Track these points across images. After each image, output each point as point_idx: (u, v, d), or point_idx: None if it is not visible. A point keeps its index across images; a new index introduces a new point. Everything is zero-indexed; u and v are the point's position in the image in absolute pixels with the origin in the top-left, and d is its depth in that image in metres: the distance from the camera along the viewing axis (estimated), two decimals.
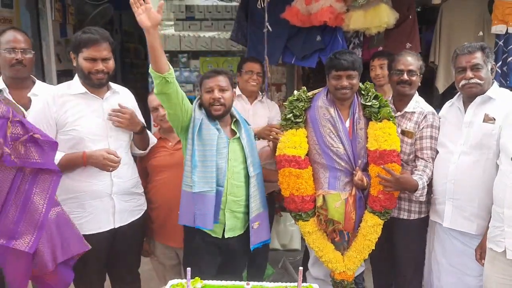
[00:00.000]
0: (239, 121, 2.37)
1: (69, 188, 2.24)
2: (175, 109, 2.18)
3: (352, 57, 2.35)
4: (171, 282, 1.91)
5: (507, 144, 2.04)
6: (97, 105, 2.27)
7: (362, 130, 2.40)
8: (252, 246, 2.33)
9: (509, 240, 1.98)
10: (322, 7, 3.16)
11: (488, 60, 2.30)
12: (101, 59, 2.20)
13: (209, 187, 2.19)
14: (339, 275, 2.45)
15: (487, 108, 2.28)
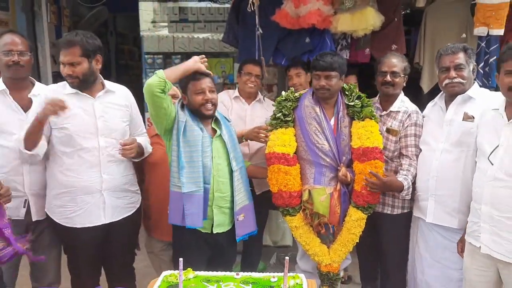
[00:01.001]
0: (219, 118, 2.44)
1: (62, 183, 2.32)
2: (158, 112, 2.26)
3: (332, 59, 2.43)
4: (164, 273, 1.98)
5: (484, 142, 2.12)
6: (88, 104, 2.33)
7: (346, 128, 2.49)
8: (238, 238, 2.41)
9: (484, 235, 2.07)
10: (311, 10, 3.24)
11: (470, 60, 2.39)
12: (68, 64, 2.23)
13: (197, 186, 2.25)
14: (325, 267, 2.55)
15: (467, 107, 2.36)
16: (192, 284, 1.86)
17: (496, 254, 2.03)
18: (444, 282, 2.43)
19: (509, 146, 1.99)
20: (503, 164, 2.00)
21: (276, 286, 1.85)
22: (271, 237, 4.09)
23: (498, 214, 2.01)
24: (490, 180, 2.04)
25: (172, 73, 2.23)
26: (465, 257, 2.24)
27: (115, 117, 2.41)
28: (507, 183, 1.98)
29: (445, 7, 3.56)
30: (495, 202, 2.02)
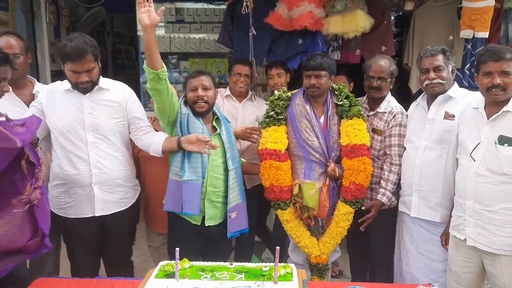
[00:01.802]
0: (220, 118, 2.56)
1: (58, 175, 2.44)
2: (164, 104, 2.36)
3: (322, 59, 2.55)
4: (161, 263, 2.07)
5: (466, 140, 2.21)
6: (78, 101, 2.40)
7: (335, 126, 2.60)
8: (229, 235, 2.51)
9: (469, 229, 2.17)
10: (303, 12, 3.32)
11: (449, 62, 2.49)
12: (85, 71, 2.29)
13: (196, 176, 2.38)
14: (314, 259, 2.66)
15: (448, 106, 2.47)
16: (188, 273, 1.96)
17: (481, 246, 2.13)
18: (428, 273, 2.53)
19: (490, 143, 2.09)
20: (485, 161, 2.09)
21: (267, 275, 1.95)
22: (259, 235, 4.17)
23: (481, 208, 2.11)
24: (473, 176, 2.13)
25: (148, 59, 2.21)
26: (450, 249, 2.34)
27: (104, 113, 2.45)
28: (489, 179, 2.08)
29: (432, 10, 3.65)
30: (478, 197, 2.12)
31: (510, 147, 2.02)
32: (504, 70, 2.03)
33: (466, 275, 2.26)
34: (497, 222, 2.08)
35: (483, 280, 2.29)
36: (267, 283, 1.87)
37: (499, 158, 2.04)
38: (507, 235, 2.06)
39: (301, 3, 3.31)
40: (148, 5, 2.13)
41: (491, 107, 2.13)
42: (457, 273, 2.28)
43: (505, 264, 2.09)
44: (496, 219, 2.08)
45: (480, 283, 2.29)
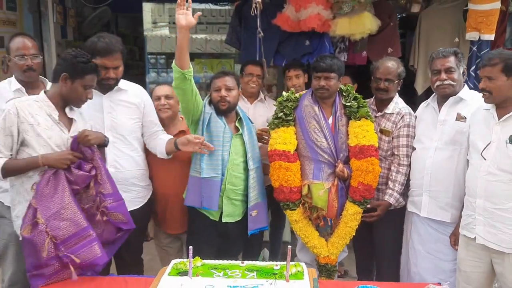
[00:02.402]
0: (243, 119, 2.63)
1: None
2: (187, 103, 2.47)
3: (332, 61, 2.58)
4: (173, 261, 2.11)
5: (477, 140, 2.25)
6: (98, 101, 2.43)
7: (343, 126, 2.63)
8: (250, 232, 2.59)
9: (479, 227, 2.20)
10: (311, 14, 3.35)
11: (460, 64, 2.53)
12: (112, 68, 2.39)
13: (215, 173, 2.47)
14: (323, 259, 2.68)
15: (459, 108, 2.50)
16: (201, 271, 1.99)
17: (490, 244, 2.17)
18: (436, 273, 2.55)
19: (501, 142, 2.13)
20: (495, 160, 2.13)
21: (279, 273, 1.99)
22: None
23: (492, 207, 2.15)
24: (483, 174, 2.17)
25: (177, 59, 2.32)
26: (460, 249, 2.37)
27: (123, 114, 2.50)
28: (499, 177, 2.12)
29: (438, 12, 3.66)
30: (488, 195, 2.16)
31: None
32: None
33: (475, 275, 2.29)
34: (507, 221, 2.11)
35: (492, 280, 2.32)
36: (279, 281, 1.90)
37: (510, 157, 2.09)
38: None
39: (309, 5, 3.34)
40: (187, 7, 2.26)
41: (502, 108, 2.17)
42: (467, 273, 2.31)
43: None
44: (506, 218, 2.11)
45: (490, 283, 2.33)
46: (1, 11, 4.05)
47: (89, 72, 2.16)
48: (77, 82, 2.15)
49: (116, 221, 2.26)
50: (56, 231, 2.02)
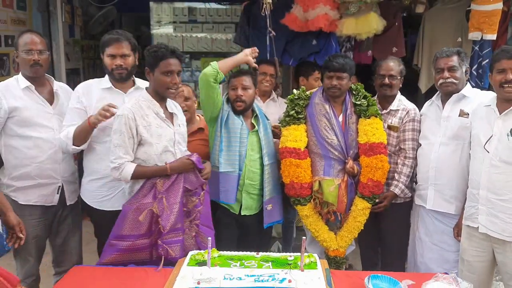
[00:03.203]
0: (259, 116, 2.70)
1: (95, 170, 2.53)
2: (208, 98, 2.58)
3: (344, 60, 2.66)
4: (191, 253, 2.18)
5: (479, 134, 2.34)
6: (119, 99, 2.50)
7: (353, 124, 2.71)
8: (266, 225, 2.69)
9: (481, 217, 2.30)
10: (318, 14, 3.45)
11: (463, 63, 2.62)
12: (120, 56, 2.45)
13: (233, 168, 2.56)
14: (332, 252, 2.77)
15: (462, 105, 2.60)
16: (218, 262, 2.07)
17: (492, 233, 2.26)
18: (441, 264, 2.64)
19: (502, 135, 2.22)
20: (498, 152, 2.22)
21: (293, 263, 2.06)
22: (276, 229, 4.30)
23: (494, 197, 2.24)
24: (486, 167, 2.26)
25: (223, 65, 2.55)
26: (463, 240, 2.46)
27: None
28: (502, 169, 2.21)
29: (442, 13, 3.76)
30: (491, 187, 2.25)
31: None
32: None
33: (478, 264, 2.38)
34: (508, 211, 2.20)
35: (493, 269, 2.41)
36: (294, 271, 1.98)
37: (511, 149, 2.17)
38: None
39: (317, 5, 3.43)
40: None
41: (502, 103, 2.26)
42: (470, 262, 2.40)
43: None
44: (507, 208, 2.20)
45: (491, 272, 2.42)
46: (12, 10, 4.10)
47: (160, 58, 2.27)
48: (156, 71, 2.29)
49: (199, 241, 2.39)
50: (165, 221, 2.22)
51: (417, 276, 2.11)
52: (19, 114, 2.47)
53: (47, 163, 2.52)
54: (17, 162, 2.50)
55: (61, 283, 2.05)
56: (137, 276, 2.09)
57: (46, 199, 2.56)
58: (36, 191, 2.53)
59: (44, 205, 2.56)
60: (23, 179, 2.50)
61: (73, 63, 5.01)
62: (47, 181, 2.54)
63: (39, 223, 2.55)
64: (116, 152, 2.27)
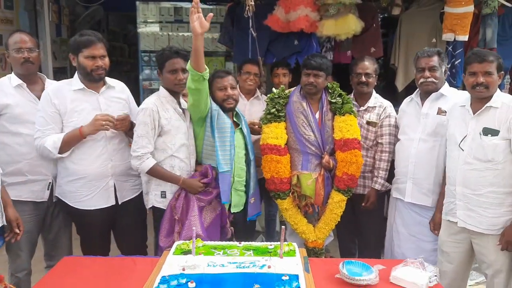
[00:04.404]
0: (239, 114, 2.79)
1: (73, 171, 2.54)
2: (200, 102, 2.52)
3: (322, 60, 2.79)
4: (176, 242, 2.29)
5: (455, 133, 2.46)
6: (93, 99, 2.55)
7: (329, 121, 2.84)
8: (249, 218, 2.78)
9: (459, 212, 2.43)
10: (300, 15, 3.56)
11: (443, 63, 2.75)
12: (99, 57, 2.51)
13: (228, 167, 2.60)
14: (311, 244, 2.89)
15: (440, 103, 2.72)
16: (202, 251, 2.18)
17: (470, 226, 2.39)
18: (418, 253, 2.69)
19: (476, 134, 2.35)
20: (471, 150, 2.35)
21: (273, 251, 2.18)
22: (260, 223, 4.43)
23: (470, 193, 2.37)
24: (461, 164, 2.39)
25: (195, 61, 2.35)
26: (442, 232, 2.59)
27: (118, 110, 2.60)
28: (475, 166, 2.34)
29: (417, 15, 3.90)
30: (466, 183, 2.38)
31: (493, 137, 2.29)
32: (487, 70, 2.30)
33: (456, 255, 2.52)
34: (484, 205, 2.34)
35: (472, 257, 2.55)
36: (273, 258, 2.10)
37: (484, 147, 2.31)
38: (492, 216, 2.33)
39: (298, 7, 3.54)
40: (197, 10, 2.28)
41: (476, 103, 2.39)
42: (448, 253, 2.54)
43: (491, 243, 2.36)
44: (482, 202, 2.34)
45: (469, 261, 2.57)
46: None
47: (166, 58, 2.55)
48: (164, 71, 2.58)
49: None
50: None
51: (388, 262, 2.25)
52: (10, 111, 2.52)
53: (38, 159, 2.57)
54: (9, 159, 2.55)
55: (52, 273, 2.14)
56: (125, 265, 2.18)
57: (36, 195, 2.62)
58: (27, 187, 2.59)
59: (35, 201, 2.62)
60: (15, 175, 2.56)
61: (60, 62, 5.07)
62: (38, 178, 2.61)
63: (30, 218, 2.61)
64: (140, 142, 2.51)
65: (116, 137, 2.62)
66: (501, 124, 2.28)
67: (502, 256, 2.36)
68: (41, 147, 2.48)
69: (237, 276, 1.90)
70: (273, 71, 3.56)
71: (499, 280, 2.40)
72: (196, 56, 2.34)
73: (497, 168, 2.30)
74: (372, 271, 2.03)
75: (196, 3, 2.28)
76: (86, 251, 2.72)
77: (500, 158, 2.29)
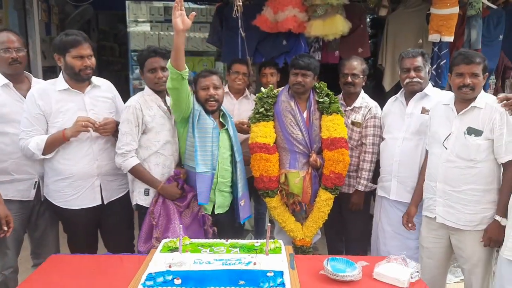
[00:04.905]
0: (226, 114, 2.78)
1: (60, 171, 2.55)
2: (181, 102, 2.50)
3: (310, 60, 2.83)
4: (164, 241, 2.30)
5: (438, 131, 2.50)
6: (79, 99, 2.54)
7: (317, 120, 2.88)
8: (242, 221, 2.77)
9: (439, 208, 2.48)
10: (287, 16, 3.59)
11: (426, 64, 2.80)
12: (87, 56, 2.50)
13: (207, 168, 2.58)
14: (299, 242, 2.93)
15: (424, 103, 2.77)
16: (189, 248, 2.20)
17: (449, 222, 2.44)
18: (403, 250, 2.71)
19: (459, 133, 2.39)
20: (455, 148, 2.40)
21: (259, 249, 2.21)
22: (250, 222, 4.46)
23: (450, 189, 2.42)
24: (443, 162, 2.44)
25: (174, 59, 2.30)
26: (422, 228, 2.64)
27: (104, 109, 2.62)
28: (457, 164, 2.39)
29: (404, 16, 3.95)
30: (447, 180, 2.43)
31: (477, 137, 2.33)
32: (474, 72, 2.34)
33: (436, 250, 2.57)
34: (463, 201, 2.39)
35: (450, 254, 2.61)
36: (259, 255, 2.12)
37: (467, 146, 2.36)
38: (470, 213, 2.38)
39: (286, 7, 3.56)
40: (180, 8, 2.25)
41: (460, 103, 2.43)
42: (429, 249, 2.59)
43: (468, 238, 2.42)
44: (462, 199, 2.40)
45: (448, 257, 2.62)
46: None
47: (145, 58, 2.61)
48: (144, 70, 2.64)
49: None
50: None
51: (371, 258, 2.30)
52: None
53: (24, 158, 2.57)
54: None
55: (40, 270, 2.14)
56: (112, 262, 2.20)
57: (22, 194, 2.62)
58: (13, 186, 2.58)
59: (21, 200, 2.62)
60: (1, 174, 2.55)
61: (50, 61, 5.03)
62: (24, 177, 2.61)
63: (16, 217, 2.58)
64: (124, 139, 2.55)
65: (101, 137, 2.62)
66: (485, 125, 2.33)
67: (478, 252, 2.41)
68: (25, 148, 2.48)
69: (223, 273, 1.92)
70: (261, 70, 3.59)
71: (475, 276, 2.45)
72: (176, 54, 2.28)
73: (477, 167, 2.35)
74: (355, 268, 2.07)
75: (180, 0, 2.26)
76: (74, 249, 2.72)
77: (482, 157, 2.34)
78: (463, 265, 2.51)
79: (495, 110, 2.32)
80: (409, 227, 2.72)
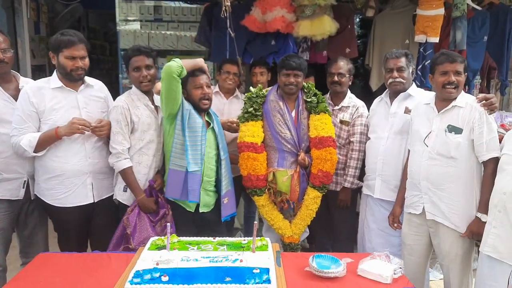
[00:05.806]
0: (211, 113, 2.79)
1: (51, 169, 2.56)
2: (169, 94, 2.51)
3: (300, 60, 2.88)
4: (152, 239, 2.33)
5: (419, 130, 2.56)
6: (72, 97, 2.58)
7: (305, 120, 2.92)
8: (223, 218, 2.77)
9: (426, 205, 2.53)
10: (276, 16, 3.61)
11: (410, 64, 2.86)
12: (79, 58, 2.53)
13: (198, 167, 2.60)
14: (287, 239, 2.98)
15: (407, 103, 2.84)
16: (177, 246, 2.23)
17: (438, 218, 2.49)
18: (387, 247, 2.76)
19: (440, 131, 2.45)
20: (435, 146, 2.46)
21: (246, 246, 2.24)
22: (239, 220, 4.50)
23: (432, 187, 2.48)
24: (425, 159, 2.49)
25: (186, 63, 2.56)
26: (404, 225, 2.71)
27: (96, 108, 2.66)
28: (438, 161, 2.45)
29: (391, 17, 4.00)
30: (429, 177, 2.48)
31: (457, 135, 2.40)
32: (457, 70, 2.41)
33: (417, 247, 2.64)
34: (444, 199, 2.45)
35: (430, 251, 2.68)
36: (246, 252, 2.16)
37: (447, 144, 2.42)
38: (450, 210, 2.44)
39: (274, 8, 3.59)
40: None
41: (441, 102, 2.50)
42: (410, 245, 2.66)
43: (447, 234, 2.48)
44: (443, 196, 2.45)
45: (428, 254, 2.69)
46: None
47: (130, 56, 2.66)
48: (129, 69, 2.69)
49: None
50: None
51: (356, 255, 2.34)
52: None
53: (13, 158, 2.58)
54: None
55: (28, 268, 2.16)
56: (101, 260, 2.23)
57: (11, 193, 2.62)
58: (1, 185, 2.59)
59: (10, 199, 2.63)
60: None
61: (38, 60, 5.03)
62: (13, 176, 2.61)
63: (4, 216, 2.61)
64: (115, 139, 2.61)
65: (94, 135, 2.64)
66: (465, 124, 2.39)
67: (455, 247, 2.48)
68: (17, 145, 2.50)
69: (209, 270, 1.96)
70: (252, 70, 3.62)
71: (453, 273, 2.52)
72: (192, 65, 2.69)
73: (457, 165, 2.41)
74: (340, 264, 2.12)
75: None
76: (64, 248, 2.73)
77: (462, 155, 2.39)
78: (441, 261, 2.57)
79: (474, 110, 2.38)
80: (395, 227, 2.77)
